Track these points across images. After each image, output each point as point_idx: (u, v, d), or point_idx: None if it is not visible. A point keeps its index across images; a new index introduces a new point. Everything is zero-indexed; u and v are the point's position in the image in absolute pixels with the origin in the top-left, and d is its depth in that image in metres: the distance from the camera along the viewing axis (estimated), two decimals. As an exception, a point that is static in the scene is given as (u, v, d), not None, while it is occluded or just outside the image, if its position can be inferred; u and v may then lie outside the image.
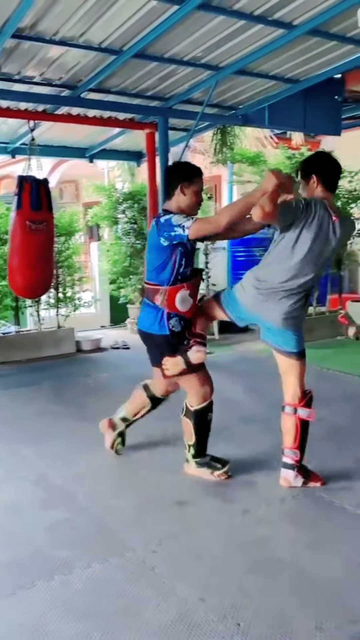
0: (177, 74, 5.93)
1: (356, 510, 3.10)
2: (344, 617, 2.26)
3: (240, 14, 4.72)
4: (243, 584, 2.47)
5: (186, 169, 3.40)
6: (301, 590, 2.43)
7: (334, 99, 7.50)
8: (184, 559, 2.68)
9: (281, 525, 2.98)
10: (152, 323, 3.39)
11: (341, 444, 4.02)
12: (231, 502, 3.22)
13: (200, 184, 3.37)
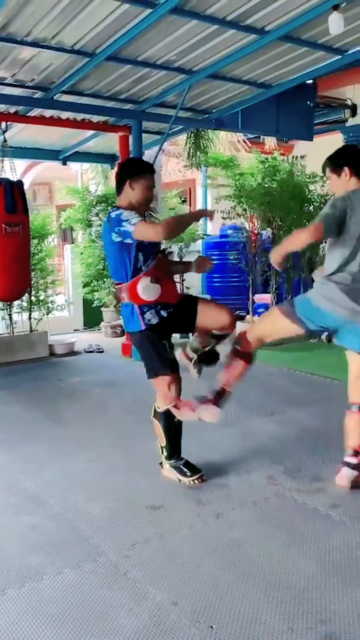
0: (150, 77, 5.94)
1: (328, 511, 3.12)
2: (316, 617, 2.27)
3: (213, 19, 4.76)
4: (216, 587, 2.47)
5: (135, 163, 3.40)
6: (273, 591, 2.44)
7: (306, 105, 7.61)
8: (157, 563, 2.66)
9: (254, 527, 2.99)
10: (129, 321, 3.35)
11: (313, 445, 4.06)
12: (204, 505, 3.22)
13: (151, 180, 3.31)
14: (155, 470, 3.69)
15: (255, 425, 4.55)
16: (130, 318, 3.33)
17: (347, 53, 5.78)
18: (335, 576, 2.54)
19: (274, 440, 4.17)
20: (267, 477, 3.56)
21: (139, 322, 3.29)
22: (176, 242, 8.65)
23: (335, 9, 4.52)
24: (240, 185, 7.44)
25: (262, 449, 3.99)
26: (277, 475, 3.58)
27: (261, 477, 3.56)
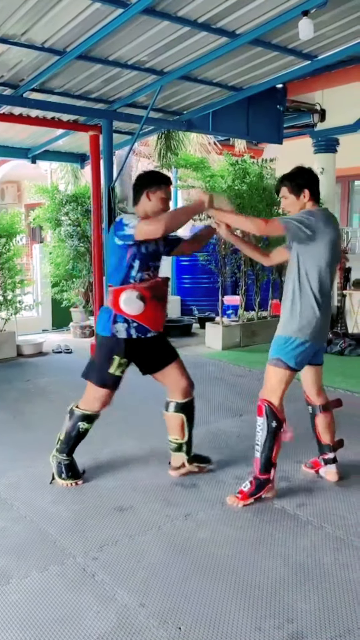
0: (121, 77, 5.92)
1: (296, 511, 3.16)
2: (283, 616, 2.29)
3: (185, 21, 4.76)
4: (183, 588, 2.47)
5: (153, 175, 3.41)
6: (241, 591, 2.45)
7: (276, 108, 7.69)
8: (125, 565, 2.65)
9: (222, 527, 3.00)
10: (100, 322, 3.36)
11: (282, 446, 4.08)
12: (173, 506, 3.22)
13: (168, 192, 3.35)
14: (124, 472, 3.68)
15: (224, 426, 4.57)
16: (102, 320, 3.35)
17: (316, 59, 5.86)
18: (301, 576, 2.56)
19: (242, 441, 4.19)
20: (236, 477, 3.58)
21: (108, 327, 3.30)
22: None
23: (305, 14, 4.56)
24: (211, 187, 7.46)
25: (230, 450, 4.01)
26: (245, 475, 3.59)
27: (230, 478, 3.58)
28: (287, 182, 3.29)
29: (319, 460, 3.62)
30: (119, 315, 3.27)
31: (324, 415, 3.53)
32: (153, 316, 3.32)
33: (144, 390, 5.74)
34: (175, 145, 8.72)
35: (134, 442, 4.21)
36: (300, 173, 3.31)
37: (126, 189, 9.05)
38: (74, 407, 3.49)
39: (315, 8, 4.54)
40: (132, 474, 3.65)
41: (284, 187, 3.29)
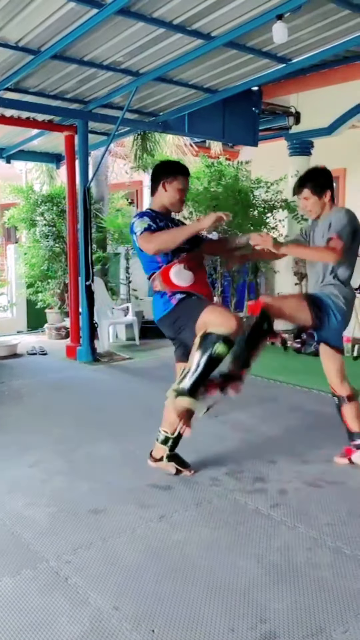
0: (97, 77, 5.89)
1: (270, 511, 3.17)
2: (256, 617, 2.30)
3: (160, 22, 4.76)
4: (157, 590, 2.47)
5: (170, 165, 3.41)
6: (215, 593, 2.45)
7: (251, 111, 7.73)
8: (99, 568, 2.64)
9: (196, 529, 3.00)
10: (160, 307, 3.29)
11: (256, 446, 4.12)
12: (148, 508, 3.21)
13: (184, 182, 3.32)
14: (98, 474, 3.66)
15: (199, 427, 4.54)
16: (160, 304, 3.26)
17: (290, 62, 5.90)
18: (275, 576, 2.58)
19: (217, 442, 4.20)
20: (210, 478, 3.59)
21: (169, 302, 3.21)
22: (123, 244, 8.62)
23: (280, 18, 4.60)
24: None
25: (205, 451, 4.01)
26: (220, 476, 3.61)
27: (204, 479, 3.58)
28: (309, 183, 3.41)
29: (351, 447, 3.69)
30: (176, 292, 3.21)
31: (350, 405, 3.61)
32: (203, 284, 3.34)
33: (118, 392, 5.73)
34: (152, 146, 8.71)
35: (108, 444, 4.20)
36: (321, 174, 3.45)
37: (102, 190, 9.00)
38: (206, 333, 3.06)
39: (289, 12, 4.58)
40: (106, 476, 3.64)
41: (307, 189, 3.41)
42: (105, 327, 7.64)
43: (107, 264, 8.89)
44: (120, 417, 4.86)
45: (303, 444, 4.14)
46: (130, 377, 6.39)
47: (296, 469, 3.72)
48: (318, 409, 5.02)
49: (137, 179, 11.41)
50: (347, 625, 2.25)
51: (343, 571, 2.60)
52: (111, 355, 7.25)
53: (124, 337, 8.31)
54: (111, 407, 5.20)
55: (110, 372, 6.55)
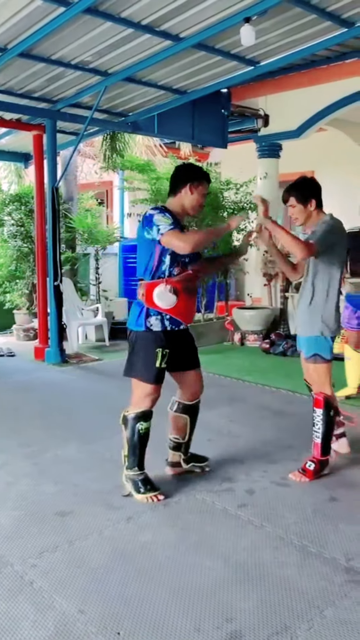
0: (65, 76, 5.85)
1: (237, 511, 3.19)
2: (222, 616, 2.31)
3: (128, 22, 4.75)
4: (123, 592, 2.45)
5: (198, 169, 3.43)
6: (181, 593, 2.45)
7: (220, 113, 7.78)
8: (65, 571, 2.61)
9: (164, 530, 3.00)
10: (133, 318, 3.30)
11: (223, 446, 4.13)
12: (115, 510, 3.20)
13: (207, 188, 3.37)
14: (65, 477, 3.63)
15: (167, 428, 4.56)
16: (135, 316, 3.29)
17: (259, 64, 5.96)
18: (241, 575, 2.59)
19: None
20: (178, 479, 3.58)
21: (142, 322, 3.24)
22: (92, 245, 8.57)
23: (247, 21, 4.64)
24: (157, 190, 7.48)
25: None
26: (187, 477, 3.61)
27: (172, 480, 3.57)
28: (294, 192, 3.53)
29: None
30: (152, 309, 3.23)
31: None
32: (185, 309, 3.32)
33: (86, 394, 5.69)
34: (121, 146, 8.68)
35: (75, 446, 4.16)
36: (306, 183, 3.58)
37: (71, 190, 8.94)
38: (125, 414, 3.33)
39: (256, 15, 4.62)
40: (73, 479, 3.60)
41: (292, 197, 3.52)
42: (74, 328, 7.58)
43: (76, 264, 8.83)
44: (89, 418, 4.83)
45: (271, 444, 4.18)
46: (99, 378, 6.35)
47: (264, 468, 3.74)
48: (286, 409, 5.06)
49: (107, 179, 11.35)
50: (312, 622, 2.27)
51: (308, 569, 2.63)
52: (80, 356, 7.20)
53: (93, 338, 8.26)
54: (79, 409, 5.16)
55: (79, 373, 6.50)
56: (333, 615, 2.31)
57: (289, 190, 3.54)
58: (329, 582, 2.53)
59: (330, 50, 6.59)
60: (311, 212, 3.53)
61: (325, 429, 3.56)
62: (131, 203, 8.55)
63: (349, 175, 9.00)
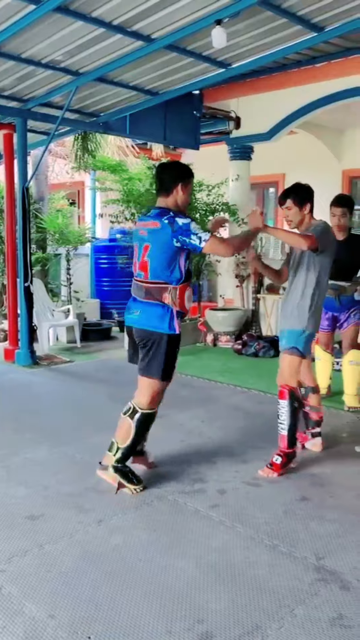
0: (36, 75, 5.79)
1: (209, 511, 3.19)
2: (193, 617, 2.30)
3: (100, 22, 4.73)
4: (94, 596, 2.43)
5: (184, 168, 3.50)
6: (152, 595, 2.44)
7: (192, 114, 7.79)
8: (35, 576, 2.58)
9: (135, 532, 2.98)
10: (160, 321, 3.32)
11: (196, 447, 4.13)
12: (86, 513, 3.17)
13: (192, 185, 3.52)
14: (36, 480, 3.59)
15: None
16: (160, 318, 3.32)
17: (230, 67, 5.99)
18: (212, 576, 2.59)
19: (157, 444, 4.17)
20: (150, 480, 3.57)
21: (173, 325, 3.33)
22: (63, 245, 8.50)
23: (219, 23, 4.65)
24: (128, 190, 7.46)
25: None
26: (159, 478, 3.60)
27: (144, 481, 3.56)
28: (292, 195, 3.79)
29: (305, 434, 4.06)
30: (179, 312, 3.36)
31: (314, 396, 4.04)
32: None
33: (57, 396, 5.64)
34: (93, 147, 8.63)
35: (45, 448, 4.12)
36: (303, 188, 3.83)
37: (42, 190, 8.85)
38: (137, 409, 3.39)
39: (228, 18, 4.64)
40: (43, 481, 3.56)
41: (290, 200, 3.77)
42: (44, 330, 7.50)
43: (47, 265, 8.74)
44: (59, 421, 4.79)
45: (242, 444, 4.20)
46: (70, 380, 6.30)
47: (235, 468, 3.76)
48: (257, 409, 5.09)
49: (78, 179, 11.28)
50: (282, 621, 2.29)
51: (279, 569, 2.65)
52: (51, 358, 7.12)
53: (64, 340, 8.19)
54: (50, 411, 5.11)
55: (50, 375, 6.44)
56: (303, 613, 2.33)
57: (287, 193, 3.81)
58: (300, 581, 2.55)
59: (301, 54, 6.68)
60: (305, 215, 3.78)
61: (290, 420, 3.66)
62: (103, 203, 8.52)
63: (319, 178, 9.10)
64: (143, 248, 3.36)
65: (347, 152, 9.70)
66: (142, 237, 3.38)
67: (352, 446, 4.15)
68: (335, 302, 4.92)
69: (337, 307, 4.97)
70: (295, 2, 4.68)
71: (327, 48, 6.47)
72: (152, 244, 3.32)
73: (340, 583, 2.54)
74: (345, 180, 9.81)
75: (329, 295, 4.95)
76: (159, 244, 3.29)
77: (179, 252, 3.30)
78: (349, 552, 2.79)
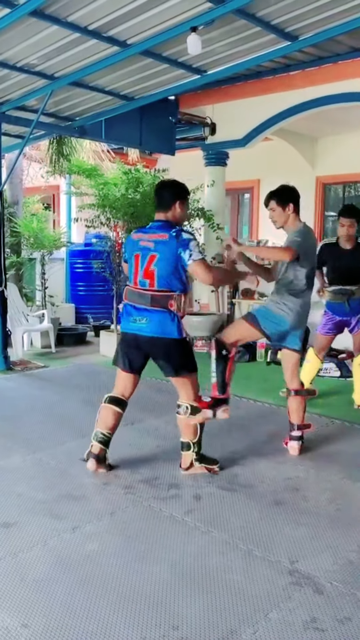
0: (10, 79, 5.75)
1: (184, 517, 3.19)
2: (168, 624, 2.30)
3: (75, 27, 4.71)
4: (68, 604, 2.41)
5: (182, 187, 3.75)
6: (127, 602, 2.43)
7: (168, 120, 7.82)
8: (8, 584, 2.55)
9: (111, 538, 2.97)
10: (171, 328, 3.54)
11: (171, 452, 4.13)
12: (61, 519, 3.14)
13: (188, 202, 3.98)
14: (9, 487, 3.55)
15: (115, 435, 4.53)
16: (173, 325, 3.55)
17: (206, 73, 6.03)
18: (187, 581, 2.59)
19: (133, 449, 4.19)
20: (125, 486, 3.57)
21: (182, 330, 3.60)
22: (38, 249, 8.43)
23: (194, 30, 4.68)
24: (104, 195, 7.44)
25: (120, 459, 3.98)
26: (135, 484, 3.60)
27: (119, 487, 3.56)
28: (275, 196, 3.98)
29: (288, 436, 4.19)
30: (178, 317, 3.59)
31: (295, 398, 4.13)
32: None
33: (31, 401, 5.58)
34: (68, 151, 8.59)
35: (19, 454, 4.08)
36: (286, 190, 4.04)
37: (16, 193, 8.78)
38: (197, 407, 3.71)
39: (203, 25, 4.67)
40: (17, 488, 3.53)
41: (273, 201, 3.97)
42: (19, 335, 7.43)
43: (21, 269, 8.66)
44: (33, 427, 4.74)
45: (217, 449, 4.20)
46: (44, 385, 6.24)
47: (210, 473, 3.76)
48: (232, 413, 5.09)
49: (53, 183, 11.20)
50: (257, 626, 2.30)
51: (254, 573, 2.66)
52: (25, 363, 7.06)
53: (39, 345, 8.12)
54: (24, 417, 5.05)
55: (24, 380, 6.37)
56: (277, 617, 2.35)
57: (271, 195, 4.00)
58: (274, 585, 2.57)
59: (275, 62, 6.75)
60: (289, 215, 3.95)
61: (218, 367, 3.86)
62: (78, 208, 8.46)
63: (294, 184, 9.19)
64: (148, 258, 3.54)
65: (321, 159, 9.83)
66: (147, 247, 3.56)
67: (326, 450, 4.20)
68: (344, 306, 5.16)
69: (346, 311, 5.18)
70: (270, 11, 4.74)
71: (301, 57, 6.55)
72: (160, 254, 3.51)
73: (313, 586, 2.56)
74: (319, 186, 9.94)
75: (338, 300, 5.12)
76: (166, 254, 3.49)
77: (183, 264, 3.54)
78: (322, 555, 2.82)
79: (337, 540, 2.96)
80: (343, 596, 2.50)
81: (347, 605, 2.43)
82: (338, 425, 4.81)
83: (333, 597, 2.49)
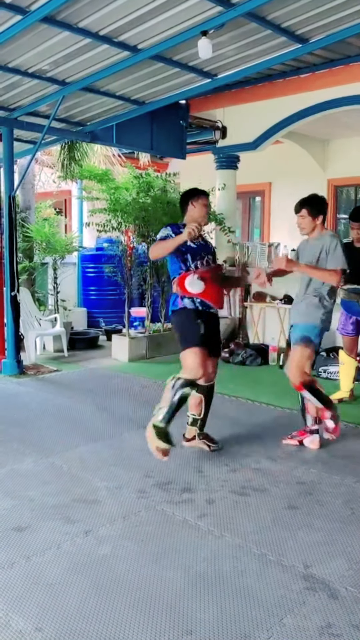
0: (22, 85, 5.79)
1: (197, 521, 3.18)
2: (182, 628, 2.29)
3: (86, 32, 4.74)
4: (82, 608, 2.41)
5: (192, 190, 4.17)
6: (141, 606, 2.43)
7: (179, 124, 7.83)
8: (21, 588, 2.55)
9: (123, 542, 2.96)
10: (171, 305, 4.02)
11: (183, 456, 4.12)
12: (73, 523, 3.15)
13: (206, 200, 4.12)
14: (22, 490, 3.55)
15: (127, 439, 4.54)
16: (172, 303, 4.01)
17: (216, 77, 6.03)
18: (201, 586, 2.58)
19: (145, 454, 4.16)
20: (138, 490, 3.56)
21: (177, 303, 3.96)
22: (50, 254, 8.47)
23: (204, 34, 4.69)
24: (115, 199, 7.46)
25: (133, 463, 3.99)
26: (147, 488, 3.59)
27: (132, 492, 3.55)
28: (308, 206, 4.13)
29: (305, 431, 4.29)
30: (185, 296, 3.91)
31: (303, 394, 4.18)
32: (213, 293, 3.96)
33: (44, 406, 5.60)
34: (79, 156, 8.63)
35: (31, 459, 4.09)
36: (319, 200, 4.21)
37: (28, 199, 8.83)
38: (176, 377, 3.83)
39: (213, 29, 4.68)
40: (30, 493, 3.53)
41: (305, 209, 4.13)
42: (31, 339, 7.46)
43: (33, 274, 8.71)
44: (46, 431, 4.75)
45: (230, 453, 4.20)
46: (57, 390, 6.26)
47: (223, 477, 3.75)
48: (245, 418, 5.10)
49: (65, 188, 11.26)
50: (271, 631, 2.28)
51: (268, 578, 2.64)
52: (38, 367, 7.08)
53: (51, 349, 8.15)
54: (37, 421, 5.07)
55: (36, 385, 6.40)
56: (292, 622, 2.33)
57: (303, 204, 4.13)
58: (288, 590, 2.55)
59: (286, 65, 6.74)
60: (317, 225, 4.15)
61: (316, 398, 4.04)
62: (90, 213, 8.49)
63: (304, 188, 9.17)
64: None
65: (332, 162, 9.80)
66: None
67: (340, 453, 4.17)
68: (357, 305, 5.11)
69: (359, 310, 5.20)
70: (281, 14, 4.74)
71: (311, 59, 6.54)
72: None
73: (328, 591, 2.54)
74: (331, 189, 9.90)
75: (353, 300, 5.14)
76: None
77: (174, 251, 3.92)
78: (337, 560, 2.79)
79: (352, 545, 2.93)
80: (358, 601, 2.47)
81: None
82: (351, 429, 4.78)
83: (348, 603, 2.46)
